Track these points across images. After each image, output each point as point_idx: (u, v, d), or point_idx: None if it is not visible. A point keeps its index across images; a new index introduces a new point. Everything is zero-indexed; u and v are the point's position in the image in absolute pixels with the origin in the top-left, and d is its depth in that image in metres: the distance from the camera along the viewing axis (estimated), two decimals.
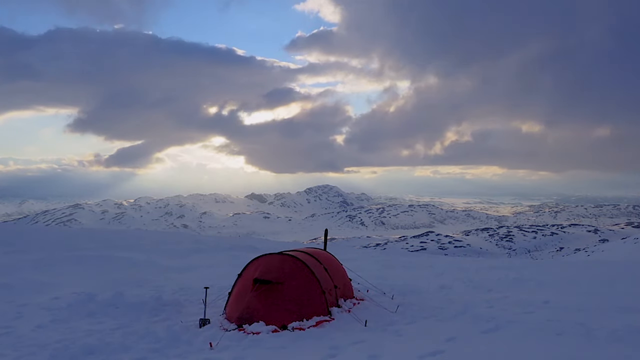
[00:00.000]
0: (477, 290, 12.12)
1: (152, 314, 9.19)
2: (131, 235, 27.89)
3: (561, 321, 7.97)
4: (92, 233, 28.62)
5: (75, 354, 6.86)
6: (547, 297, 10.59)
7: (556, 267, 17.83)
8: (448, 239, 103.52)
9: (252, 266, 8.93)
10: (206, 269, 15.47)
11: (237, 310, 8.38)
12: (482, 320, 8.28)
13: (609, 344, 6.64)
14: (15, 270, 13.19)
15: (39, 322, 8.39)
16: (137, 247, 20.50)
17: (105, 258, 16.14)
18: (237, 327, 8.09)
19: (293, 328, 7.96)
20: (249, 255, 16.56)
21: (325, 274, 9.17)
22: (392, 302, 10.22)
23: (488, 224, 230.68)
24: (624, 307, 9.04)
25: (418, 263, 19.52)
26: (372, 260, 20.19)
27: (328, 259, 10.06)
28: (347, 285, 10.24)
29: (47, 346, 7.17)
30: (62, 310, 9.16)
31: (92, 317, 8.86)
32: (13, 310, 9.12)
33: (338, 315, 8.67)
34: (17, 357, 6.72)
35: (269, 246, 23.97)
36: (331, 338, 7.56)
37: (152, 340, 7.52)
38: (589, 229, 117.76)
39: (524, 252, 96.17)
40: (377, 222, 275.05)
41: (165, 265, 15.80)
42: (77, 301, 9.61)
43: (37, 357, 6.73)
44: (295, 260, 8.80)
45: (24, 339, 7.47)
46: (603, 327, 7.47)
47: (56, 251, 17.49)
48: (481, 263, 20.96)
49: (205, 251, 20.43)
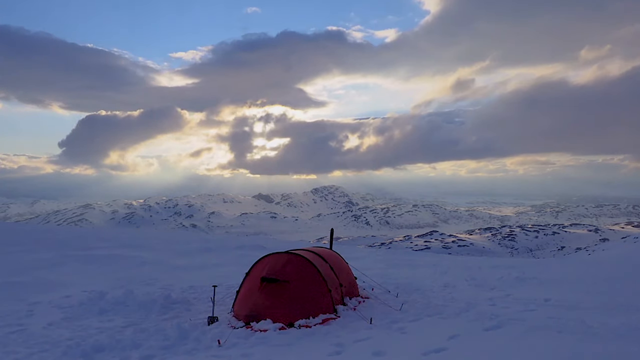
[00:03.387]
0: (480, 289, 12.16)
1: (162, 311, 9.28)
2: (141, 235, 27.99)
3: (562, 319, 7.99)
4: (102, 232, 28.75)
5: (87, 351, 6.92)
6: (549, 295, 10.64)
7: (557, 266, 17.83)
8: (451, 239, 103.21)
9: (260, 265, 8.99)
10: (214, 267, 15.54)
11: (245, 308, 8.43)
12: (485, 317, 8.30)
13: (610, 341, 6.62)
14: (28, 269, 13.36)
15: (50, 320, 8.52)
16: (146, 246, 20.57)
17: (115, 257, 16.28)
18: (244, 324, 8.13)
19: (300, 325, 7.99)
20: (256, 254, 16.72)
21: (331, 273, 9.23)
22: (397, 300, 10.30)
23: (491, 223, 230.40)
24: (624, 305, 9.06)
25: (422, 262, 19.55)
26: (377, 259, 20.23)
27: (334, 257, 10.09)
28: (353, 284, 10.30)
29: (59, 343, 7.24)
30: (73, 308, 9.28)
31: (103, 315, 8.96)
32: (25, 309, 9.26)
33: (344, 313, 8.72)
34: (29, 354, 6.80)
35: (276, 245, 24.04)
36: (337, 335, 7.60)
37: (161, 337, 7.57)
38: (589, 228, 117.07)
39: (526, 251, 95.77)
40: (382, 221, 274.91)
41: (175, 264, 15.90)
42: (88, 299, 9.71)
43: (49, 354, 6.80)
44: (302, 259, 8.85)
45: (36, 337, 7.57)
46: (603, 325, 7.48)
47: (67, 250, 17.61)
48: (484, 262, 20.98)
49: (214, 250, 20.46)
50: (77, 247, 19.06)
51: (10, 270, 13.07)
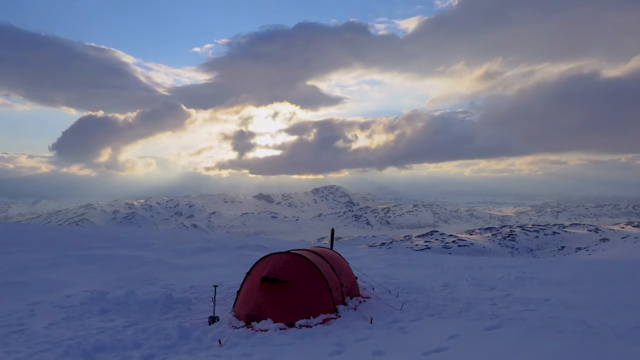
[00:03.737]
0: (480, 288, 12.17)
1: (163, 311, 9.33)
2: (142, 235, 28.00)
3: (562, 318, 8.01)
4: (103, 232, 28.79)
5: (88, 350, 6.97)
6: (549, 294, 10.65)
7: (557, 266, 17.80)
8: (452, 238, 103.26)
9: (260, 265, 9.03)
10: (215, 267, 15.56)
11: (246, 308, 8.48)
12: (485, 317, 8.31)
13: (609, 341, 6.65)
14: (29, 269, 13.41)
15: (51, 320, 8.57)
16: (147, 246, 20.57)
17: (116, 257, 16.30)
18: (245, 324, 8.18)
19: (300, 325, 8.03)
20: (257, 254, 16.75)
21: (332, 273, 9.27)
22: (397, 300, 10.33)
23: (491, 223, 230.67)
24: (624, 305, 9.07)
25: (422, 262, 19.56)
26: (378, 259, 20.25)
27: (334, 257, 10.13)
28: (353, 284, 10.33)
29: (60, 343, 7.30)
30: (74, 308, 9.34)
31: (104, 315, 9.02)
32: (26, 308, 9.33)
33: (344, 313, 8.75)
34: (30, 353, 6.86)
35: (277, 245, 24.06)
36: (337, 335, 7.64)
37: (162, 337, 7.63)
38: (589, 228, 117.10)
39: (526, 251, 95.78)
40: (382, 221, 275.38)
41: (175, 264, 15.90)
42: (89, 299, 9.77)
43: (50, 354, 6.86)
44: (303, 259, 8.88)
45: (37, 336, 7.64)
46: (603, 324, 7.50)
47: (68, 250, 17.65)
48: (484, 262, 20.98)
49: (214, 250, 20.47)
50: (78, 247, 19.08)
51: (12, 270, 13.10)
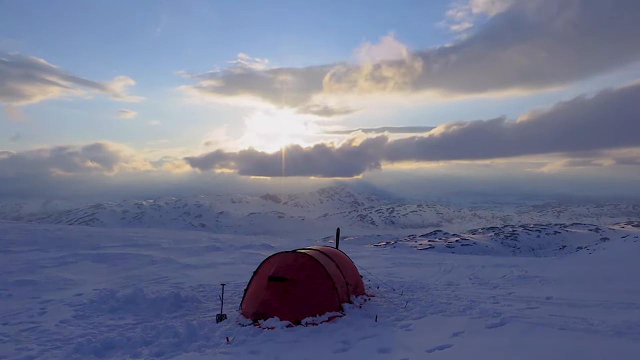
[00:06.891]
0: (483, 287, 12.27)
1: (171, 309, 9.46)
2: (150, 234, 28.16)
3: (564, 316, 8.06)
4: (113, 232, 28.97)
5: (98, 348, 7.10)
6: (550, 293, 10.70)
7: (559, 265, 17.84)
8: (455, 238, 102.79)
9: (267, 264, 9.14)
10: (223, 266, 15.71)
11: (253, 306, 8.57)
12: (488, 315, 8.40)
13: (610, 338, 6.66)
14: (40, 267, 13.57)
15: (62, 318, 8.71)
16: (156, 245, 20.76)
17: (125, 256, 16.47)
18: (252, 322, 8.26)
19: (306, 323, 8.13)
20: (264, 254, 16.93)
21: (338, 271, 9.36)
22: (402, 298, 10.45)
23: (493, 223, 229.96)
24: (624, 303, 9.05)
25: (426, 261, 19.67)
26: (382, 258, 20.36)
27: (340, 256, 10.22)
28: (359, 282, 10.43)
29: (71, 340, 7.44)
30: (84, 306, 9.48)
31: (114, 313, 9.14)
32: (38, 306, 9.47)
33: (350, 311, 8.84)
34: (42, 350, 7.00)
35: (283, 245, 24.24)
36: (343, 333, 7.73)
37: (171, 335, 7.73)
38: (590, 228, 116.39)
39: (528, 250, 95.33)
40: (387, 221, 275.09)
41: (184, 262, 16.07)
42: (99, 297, 9.89)
43: (61, 351, 7.00)
44: (309, 258, 8.98)
45: (48, 334, 7.78)
46: (604, 322, 7.52)
47: (78, 249, 17.83)
48: (487, 261, 21.08)
49: (222, 249, 20.61)
50: (88, 246, 19.26)
51: (23, 269, 13.26)
